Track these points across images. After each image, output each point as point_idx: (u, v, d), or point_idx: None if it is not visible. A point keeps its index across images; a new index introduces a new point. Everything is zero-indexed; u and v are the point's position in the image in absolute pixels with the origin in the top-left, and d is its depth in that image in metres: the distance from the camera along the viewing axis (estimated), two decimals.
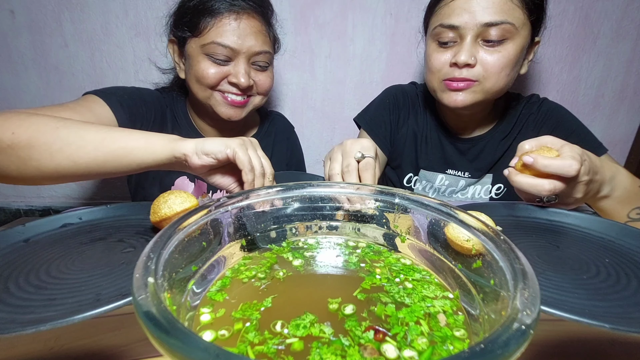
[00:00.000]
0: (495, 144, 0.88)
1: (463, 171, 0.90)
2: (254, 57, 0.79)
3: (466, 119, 0.88)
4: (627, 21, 1.09)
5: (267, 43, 0.80)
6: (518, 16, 0.70)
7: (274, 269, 0.38)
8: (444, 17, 0.73)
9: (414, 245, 0.40)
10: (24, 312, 0.34)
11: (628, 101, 1.20)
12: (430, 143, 0.92)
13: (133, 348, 0.32)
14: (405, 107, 0.94)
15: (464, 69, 0.73)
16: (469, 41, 0.71)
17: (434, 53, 0.77)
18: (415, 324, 0.29)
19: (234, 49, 0.75)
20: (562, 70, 1.16)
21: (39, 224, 0.52)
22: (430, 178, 0.93)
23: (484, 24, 0.69)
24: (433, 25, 0.76)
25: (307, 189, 0.42)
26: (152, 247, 0.27)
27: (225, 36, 0.74)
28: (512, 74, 0.75)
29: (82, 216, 0.56)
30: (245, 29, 0.76)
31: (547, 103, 0.88)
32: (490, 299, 0.28)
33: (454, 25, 0.72)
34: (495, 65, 0.71)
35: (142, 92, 0.84)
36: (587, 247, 0.49)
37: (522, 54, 0.74)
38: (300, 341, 0.27)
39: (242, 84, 0.77)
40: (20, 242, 0.48)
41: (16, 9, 1.06)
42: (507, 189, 0.89)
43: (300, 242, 0.43)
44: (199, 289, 0.32)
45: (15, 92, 1.16)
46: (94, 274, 0.41)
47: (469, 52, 0.71)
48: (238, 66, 0.77)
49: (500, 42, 0.71)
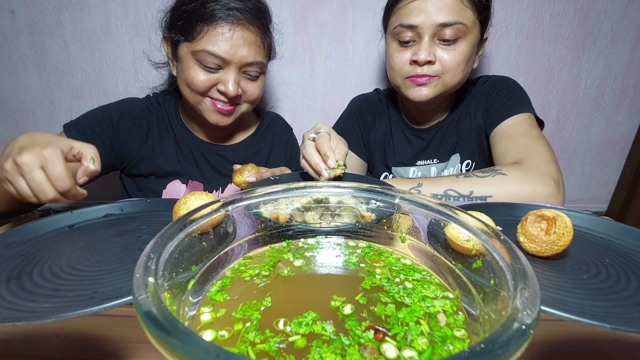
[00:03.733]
0: (453, 126, 0.94)
1: (431, 158, 0.97)
2: (245, 67, 0.78)
3: (428, 111, 0.94)
4: (627, 21, 1.10)
5: (260, 54, 0.79)
6: (469, 17, 0.77)
7: (277, 267, 0.38)
8: (403, 17, 0.78)
9: (414, 245, 0.40)
10: (27, 300, 0.35)
11: (628, 101, 1.20)
12: (397, 140, 0.98)
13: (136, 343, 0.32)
14: (370, 113, 1.01)
15: (424, 66, 0.79)
16: (426, 40, 0.77)
17: (395, 52, 0.82)
18: (415, 324, 0.29)
19: (224, 59, 0.75)
20: (562, 70, 1.16)
21: (85, 212, 0.57)
22: (403, 173, 0.99)
23: (439, 24, 0.75)
24: (393, 25, 0.81)
25: (307, 190, 0.42)
26: (152, 247, 0.27)
27: (217, 45, 0.73)
28: (467, 69, 0.82)
29: (123, 208, 0.61)
30: (238, 40, 0.75)
31: (492, 78, 0.94)
32: (491, 299, 0.28)
33: (412, 25, 0.77)
34: (452, 62, 0.78)
35: (111, 113, 0.84)
36: (587, 247, 0.49)
37: (474, 50, 0.81)
38: (303, 338, 0.27)
39: (231, 92, 0.76)
40: (66, 228, 0.54)
41: (16, 9, 1.06)
42: (475, 162, 0.95)
43: (301, 242, 0.43)
44: (199, 288, 0.32)
45: (15, 92, 1.16)
46: (103, 269, 0.42)
47: (427, 50, 0.77)
48: (228, 75, 0.76)
49: (455, 41, 0.77)
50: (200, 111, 0.81)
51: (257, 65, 0.79)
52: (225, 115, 0.81)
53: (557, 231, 0.44)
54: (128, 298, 0.34)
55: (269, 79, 1.17)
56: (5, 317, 0.32)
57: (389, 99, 1.01)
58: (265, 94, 1.18)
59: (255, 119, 1.01)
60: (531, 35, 1.11)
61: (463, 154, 0.95)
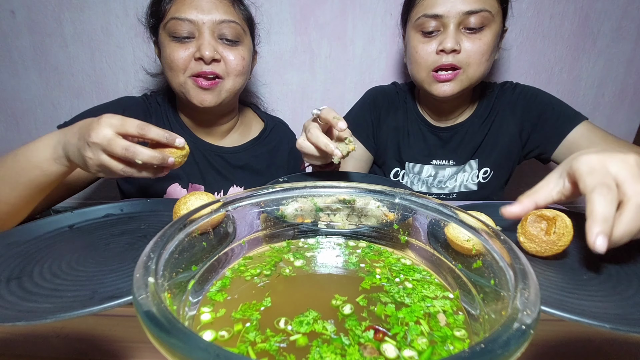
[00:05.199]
0: (475, 129, 0.92)
1: (447, 159, 0.94)
2: (219, 28, 0.75)
3: (447, 109, 0.92)
4: (627, 21, 1.09)
5: (230, 13, 0.77)
6: (493, 4, 0.76)
7: (278, 267, 0.38)
8: (427, 7, 0.77)
9: (414, 245, 0.40)
10: (27, 300, 0.35)
11: (628, 101, 1.20)
12: (412, 136, 0.96)
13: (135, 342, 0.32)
14: (385, 106, 0.98)
15: (450, 55, 0.77)
16: (452, 28, 0.76)
17: (419, 44, 0.81)
18: (415, 324, 0.29)
19: (193, 22, 0.73)
20: (562, 70, 1.16)
21: (85, 212, 0.57)
22: (417, 170, 0.96)
23: (465, 12, 0.74)
24: (416, 16, 0.80)
25: (307, 190, 0.42)
26: (153, 247, 0.27)
27: (182, 11, 0.73)
28: (490, 60, 0.81)
29: (123, 208, 0.60)
30: (204, 1, 0.74)
31: (520, 86, 0.93)
32: (491, 299, 0.28)
33: (437, 15, 0.76)
34: (478, 51, 0.77)
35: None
36: (587, 247, 0.49)
37: (497, 40, 0.80)
38: (304, 337, 0.27)
39: (206, 56, 0.73)
40: (66, 228, 0.53)
41: (16, 9, 1.06)
42: (493, 172, 0.93)
43: (301, 242, 0.43)
44: (199, 288, 0.32)
45: (15, 92, 1.16)
46: (103, 269, 0.42)
47: (454, 39, 0.76)
48: (201, 39, 0.74)
49: (480, 29, 0.76)
50: (185, 95, 0.78)
51: (231, 24, 0.76)
52: (208, 92, 0.77)
53: (557, 231, 0.44)
54: (128, 298, 0.34)
55: (269, 78, 1.17)
56: (5, 317, 0.32)
57: (407, 92, 0.99)
58: (266, 94, 1.18)
59: (260, 123, 1.00)
60: (531, 35, 1.11)
61: (482, 161, 0.92)
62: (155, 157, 0.52)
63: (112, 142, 0.50)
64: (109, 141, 0.50)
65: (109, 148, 0.50)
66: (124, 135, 0.52)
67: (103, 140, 0.50)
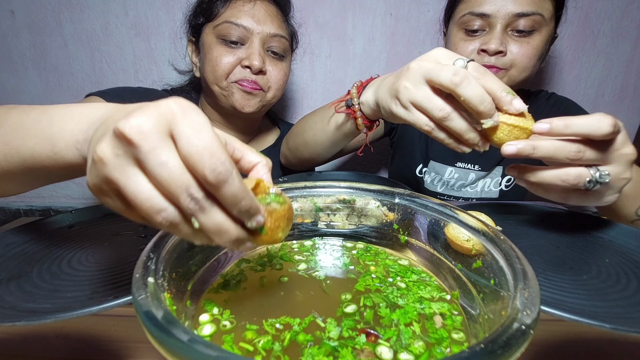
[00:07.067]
0: None
1: (473, 164, 0.91)
2: (269, 41, 0.76)
3: None
4: (627, 21, 1.09)
5: (282, 29, 0.78)
6: (548, 8, 0.71)
7: (278, 267, 0.38)
8: (474, 5, 0.73)
9: (413, 245, 0.40)
10: (27, 300, 0.35)
11: (628, 101, 1.20)
12: None
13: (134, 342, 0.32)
14: None
15: (493, 57, 0.73)
16: (499, 29, 0.71)
17: (460, 42, 0.76)
18: (406, 327, 0.29)
19: (247, 29, 0.73)
20: (562, 70, 1.16)
21: (85, 212, 0.57)
22: (440, 170, 0.93)
23: (516, 14, 0.69)
24: (461, 13, 0.75)
25: (307, 190, 0.42)
26: (152, 247, 0.27)
27: (238, 16, 0.73)
28: (537, 65, 0.75)
29: None
30: (260, 11, 0.74)
31: (555, 96, 0.91)
32: (491, 299, 0.28)
33: (485, 14, 0.71)
34: (525, 56, 0.72)
35: (149, 92, 0.83)
36: (587, 247, 0.49)
37: (546, 46, 0.75)
38: (301, 334, 0.28)
39: (256, 66, 0.74)
40: (65, 228, 0.53)
41: (16, 9, 1.06)
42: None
43: (299, 243, 0.43)
44: (199, 289, 0.32)
45: (15, 92, 1.16)
46: (103, 269, 0.42)
47: (499, 40, 0.71)
48: (251, 47, 0.75)
49: (530, 32, 0.71)
50: (227, 98, 0.78)
51: (281, 39, 0.77)
52: (250, 96, 0.77)
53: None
54: (128, 298, 0.34)
55: None
56: (5, 317, 0.32)
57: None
58: None
59: (276, 131, 1.00)
60: None
61: (506, 168, 0.90)
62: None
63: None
64: None
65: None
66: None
67: None
